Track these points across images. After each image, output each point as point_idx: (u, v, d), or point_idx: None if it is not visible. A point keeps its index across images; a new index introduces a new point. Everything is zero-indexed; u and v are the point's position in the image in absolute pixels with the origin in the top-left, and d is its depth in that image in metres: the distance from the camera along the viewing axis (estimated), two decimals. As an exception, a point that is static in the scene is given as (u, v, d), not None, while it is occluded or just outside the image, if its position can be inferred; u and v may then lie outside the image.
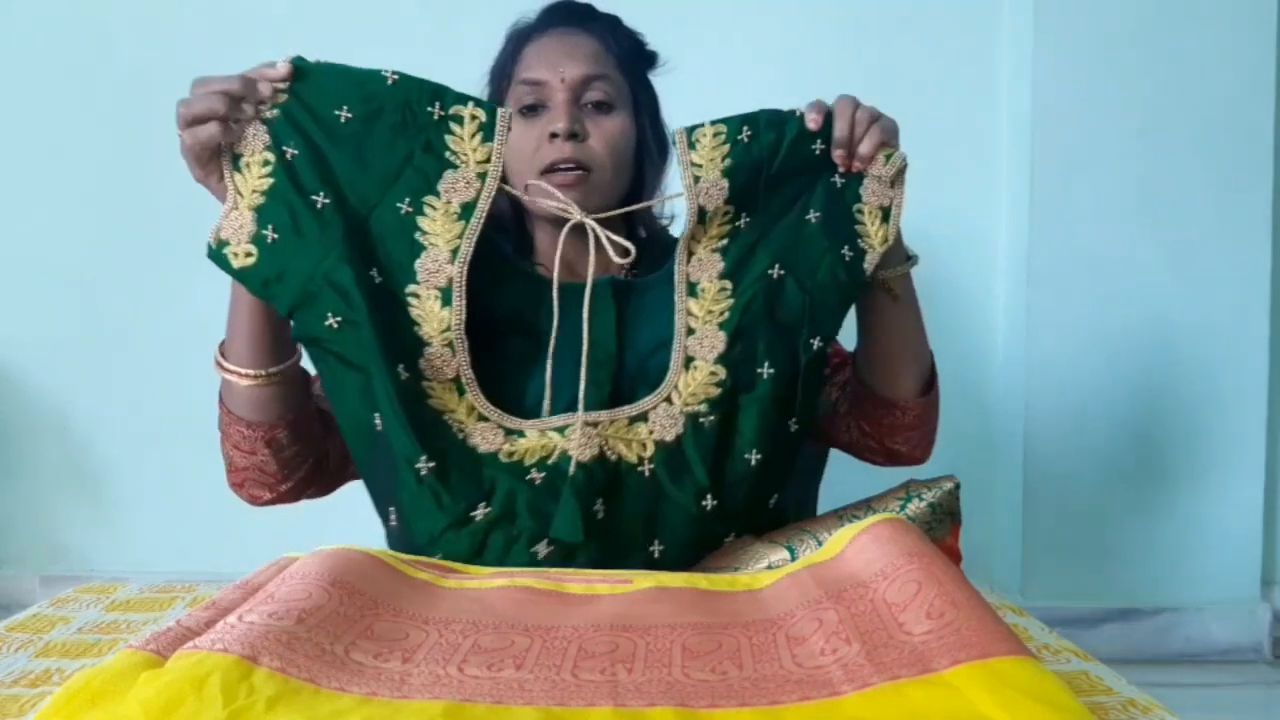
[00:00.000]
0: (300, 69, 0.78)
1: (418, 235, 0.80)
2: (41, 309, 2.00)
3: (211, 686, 0.46)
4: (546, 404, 0.82)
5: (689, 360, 0.83)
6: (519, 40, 0.99)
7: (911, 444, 0.97)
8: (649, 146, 1.01)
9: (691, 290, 0.84)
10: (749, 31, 1.87)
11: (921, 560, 0.59)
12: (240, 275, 0.78)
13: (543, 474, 0.78)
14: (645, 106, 1.01)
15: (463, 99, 0.81)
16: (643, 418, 0.82)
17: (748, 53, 1.84)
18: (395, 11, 1.93)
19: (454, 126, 0.80)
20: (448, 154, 0.80)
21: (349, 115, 0.78)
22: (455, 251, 0.80)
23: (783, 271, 0.84)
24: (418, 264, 0.80)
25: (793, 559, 0.78)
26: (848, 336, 0.97)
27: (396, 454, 0.76)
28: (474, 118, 0.81)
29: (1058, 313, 1.82)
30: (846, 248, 0.84)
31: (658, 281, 0.87)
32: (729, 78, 1.83)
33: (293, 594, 0.56)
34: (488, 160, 0.81)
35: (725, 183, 0.82)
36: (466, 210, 0.81)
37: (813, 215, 0.84)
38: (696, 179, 0.82)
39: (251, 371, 0.84)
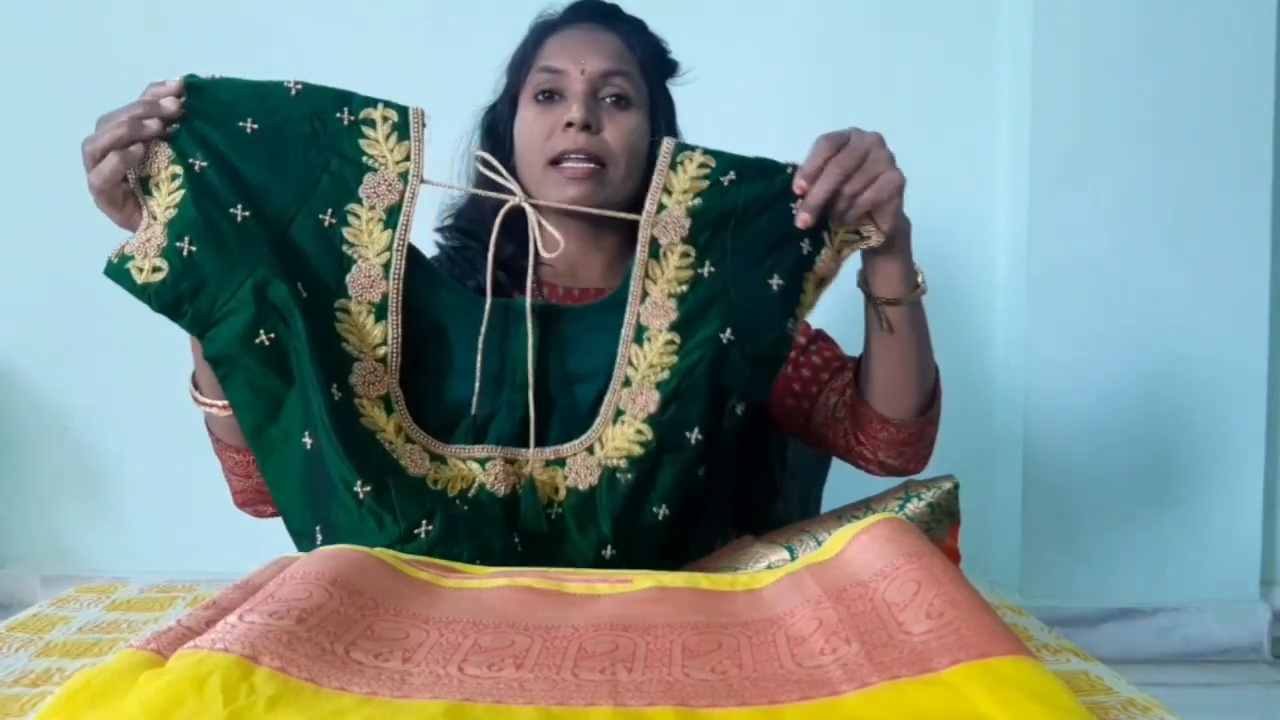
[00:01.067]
0: (195, 85, 0.75)
1: (345, 248, 0.78)
2: (43, 310, 2.00)
3: (212, 686, 0.46)
4: (467, 424, 0.81)
5: (618, 414, 0.81)
6: (543, 31, 0.99)
7: (905, 459, 0.95)
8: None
9: (638, 336, 0.81)
10: (749, 32, 1.87)
11: (921, 560, 0.59)
12: (142, 291, 0.74)
13: (465, 505, 0.78)
14: (662, 111, 1.01)
15: (371, 101, 0.79)
16: (560, 462, 0.81)
17: (748, 53, 1.85)
18: (397, 10, 1.93)
19: (366, 130, 0.78)
20: (365, 159, 0.78)
21: (254, 126, 0.76)
22: (387, 266, 0.79)
23: (732, 338, 0.81)
24: (349, 279, 0.78)
25: (792, 559, 0.78)
26: (849, 339, 0.97)
27: (332, 476, 0.74)
28: (385, 118, 0.78)
29: (1057, 313, 1.82)
30: (790, 321, 0.83)
31: (599, 310, 0.85)
32: (728, 78, 1.83)
33: (293, 594, 0.56)
34: (407, 159, 0.79)
35: (687, 223, 0.80)
36: (392, 215, 0.79)
37: (775, 282, 0.81)
38: (661, 207, 0.80)
39: (219, 402, 0.82)
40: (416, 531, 0.74)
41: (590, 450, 0.81)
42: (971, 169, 1.88)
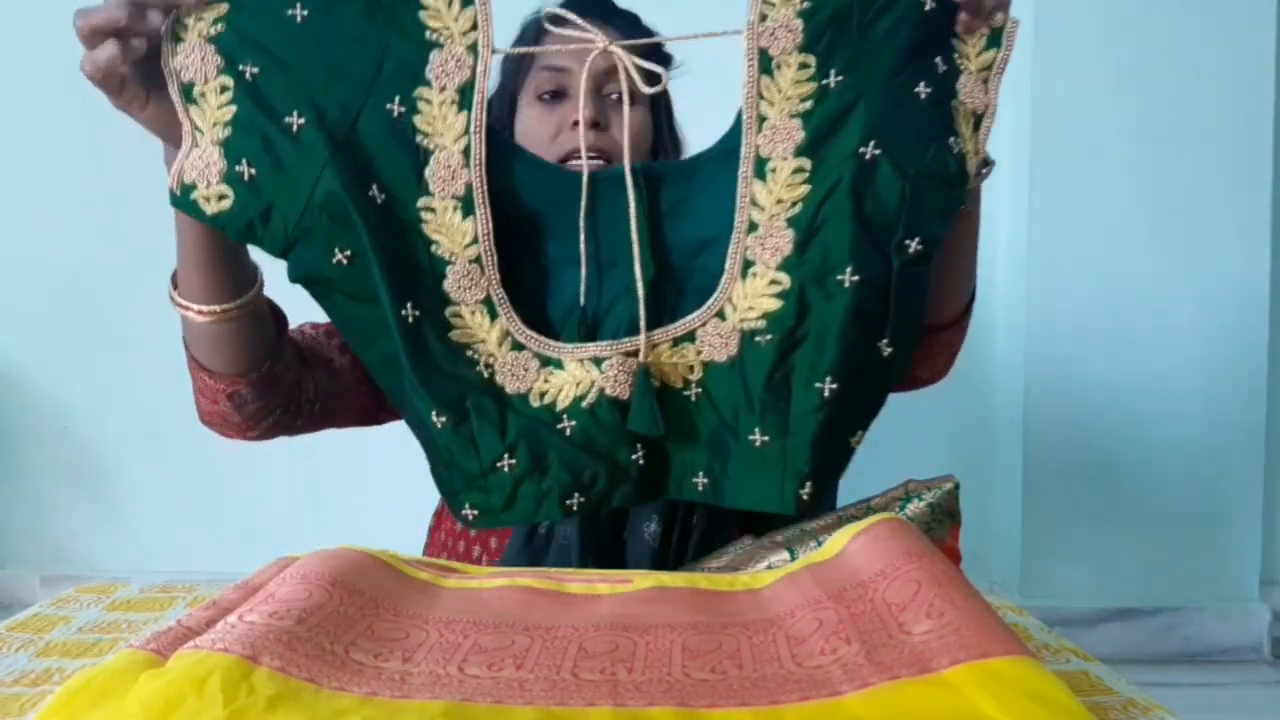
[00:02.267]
0: None
1: (419, 139, 0.69)
2: (43, 311, 2.00)
3: (212, 686, 0.46)
4: (576, 318, 0.72)
5: (747, 265, 0.69)
6: (538, 29, 0.99)
7: (935, 370, 0.90)
8: (664, 144, 1.01)
9: (759, 170, 0.68)
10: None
11: (921, 560, 0.59)
12: (218, 222, 0.67)
13: (574, 422, 0.70)
14: (662, 104, 1.01)
15: None
16: (689, 337, 0.70)
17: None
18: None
19: (425, 1, 0.68)
20: (428, 33, 0.68)
21: (304, 13, 0.66)
22: (467, 152, 0.69)
23: (878, 151, 0.66)
24: (428, 172, 0.68)
25: (792, 559, 0.78)
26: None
27: (417, 406, 0.69)
28: None
29: (1057, 312, 1.82)
30: (953, 139, 0.68)
31: (708, 161, 0.73)
32: (727, 79, 1.82)
33: (293, 594, 0.56)
34: (474, 28, 0.68)
35: (800, 23, 0.66)
36: (465, 95, 0.68)
37: (922, 89, 0.67)
38: (764, 17, 0.67)
39: (207, 307, 0.76)
40: (498, 465, 0.69)
41: (721, 315, 0.70)
42: (971, 169, 1.88)
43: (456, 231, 0.69)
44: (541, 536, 0.91)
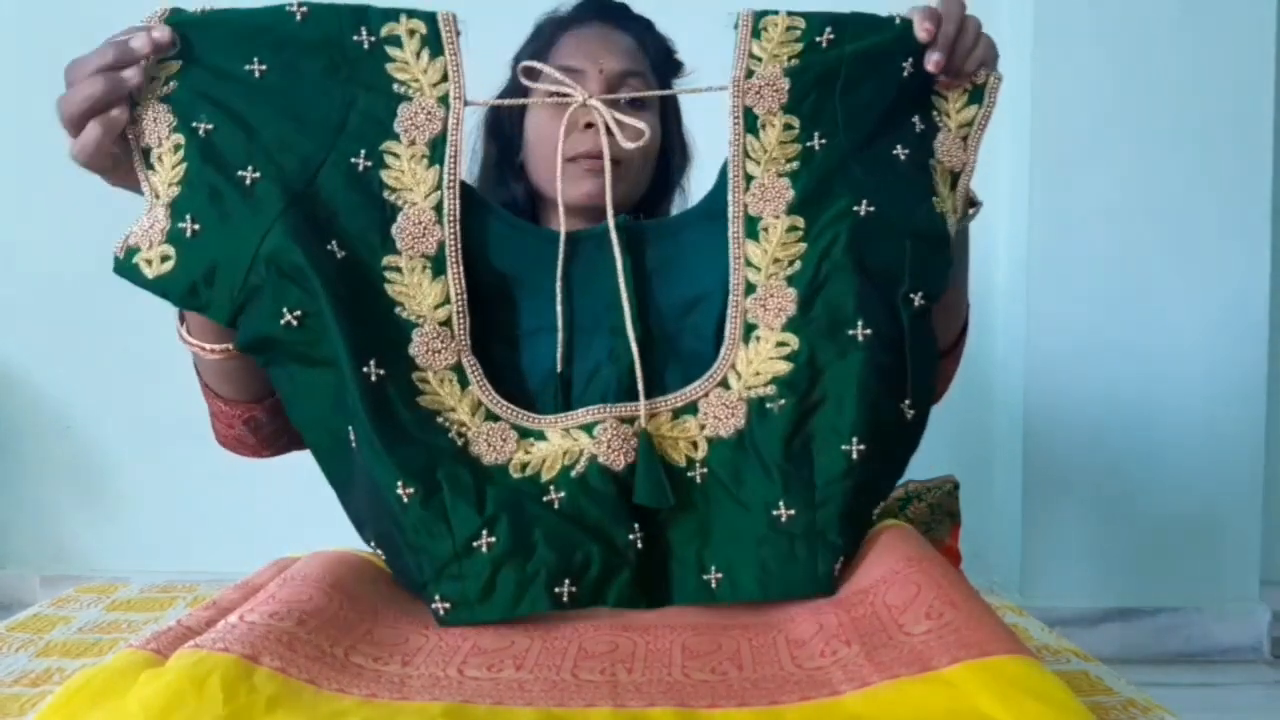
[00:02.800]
0: (182, 24, 0.63)
1: (386, 194, 0.65)
2: (43, 310, 2.00)
3: (212, 686, 0.46)
4: (554, 385, 0.66)
5: (749, 329, 0.66)
6: (554, 29, 0.98)
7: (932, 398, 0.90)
8: (673, 151, 1.00)
9: (750, 229, 0.66)
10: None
11: (921, 564, 0.59)
12: (158, 286, 0.62)
13: (562, 493, 0.62)
14: (672, 111, 1.01)
15: (391, 14, 0.65)
16: (691, 409, 0.65)
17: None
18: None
19: (392, 51, 0.65)
20: (396, 85, 0.65)
21: (263, 68, 0.63)
22: (439, 209, 0.65)
23: (871, 209, 0.65)
24: (395, 229, 0.64)
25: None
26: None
27: (374, 477, 0.61)
28: (412, 32, 0.65)
29: (1057, 313, 1.82)
30: (935, 199, 0.67)
31: (694, 220, 0.71)
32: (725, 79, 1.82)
33: (294, 595, 0.56)
34: (445, 79, 0.65)
35: (785, 83, 0.66)
36: (436, 148, 0.65)
37: (900, 151, 0.67)
38: (750, 73, 0.66)
39: (219, 346, 0.71)
40: (475, 545, 0.60)
41: (725, 384, 0.65)
42: (972, 169, 1.88)
43: (425, 292, 0.64)
44: None
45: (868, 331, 0.64)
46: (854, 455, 0.62)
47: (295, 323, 0.62)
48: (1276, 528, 1.91)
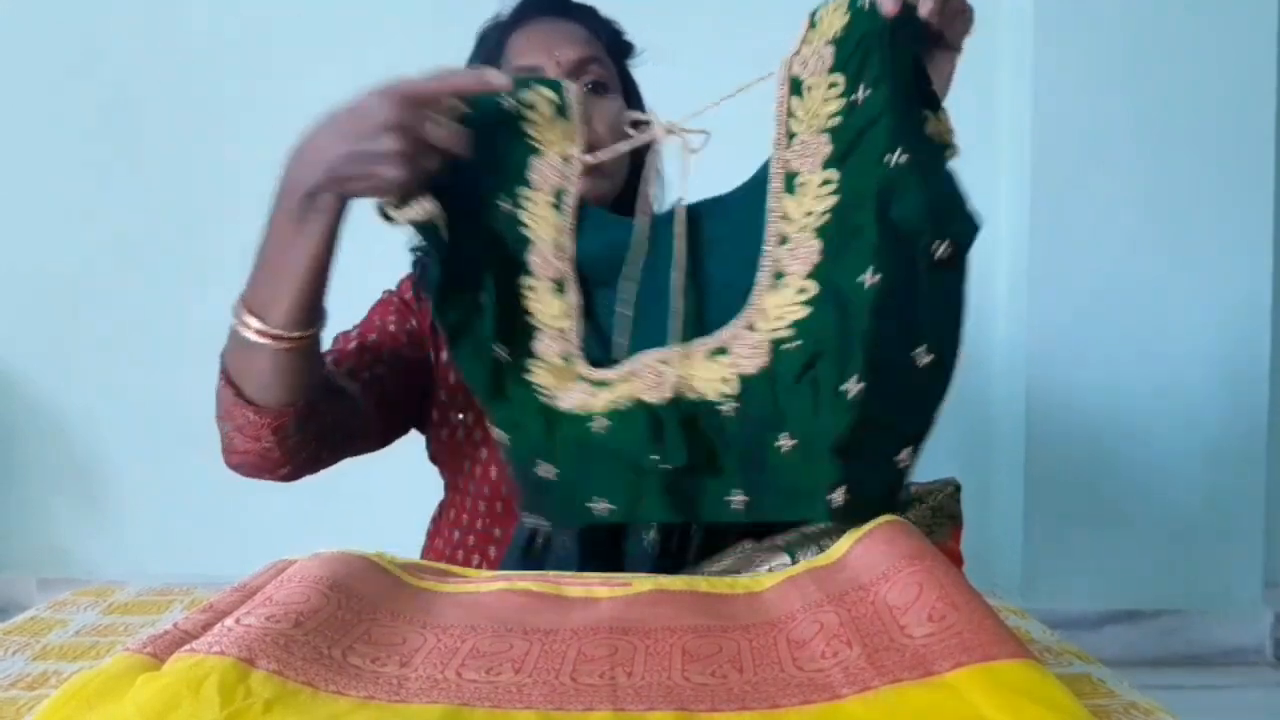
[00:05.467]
0: (475, 104, 0.75)
1: (523, 230, 0.78)
2: (40, 312, 2.00)
3: (208, 689, 0.46)
4: (620, 343, 0.76)
5: (778, 276, 0.71)
6: (500, 32, 0.98)
7: None
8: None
9: (789, 185, 0.71)
10: (745, 30, 1.86)
11: (923, 563, 0.59)
12: (425, 228, 0.73)
13: (608, 423, 0.73)
14: (633, 93, 1.01)
15: (525, 83, 0.77)
16: (722, 350, 0.72)
17: (744, 52, 1.84)
18: (395, 10, 1.93)
19: (528, 113, 0.77)
20: (531, 141, 0.77)
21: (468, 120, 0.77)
22: (558, 245, 0.78)
23: (903, 158, 0.67)
24: (528, 258, 0.78)
25: (793, 563, 0.78)
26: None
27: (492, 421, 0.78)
28: (546, 99, 0.77)
29: (1058, 313, 1.82)
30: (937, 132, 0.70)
31: (744, 193, 0.76)
32: (724, 80, 1.82)
33: (290, 597, 0.56)
34: (568, 140, 0.78)
35: (831, 50, 0.70)
36: (560, 198, 0.78)
37: (925, 113, 0.69)
38: (797, 51, 0.72)
39: (292, 334, 0.75)
40: (539, 473, 0.75)
41: (752, 327, 0.72)
42: (971, 169, 1.87)
43: (549, 306, 0.77)
44: (539, 547, 0.90)
45: (876, 278, 0.66)
46: (851, 394, 0.67)
47: (477, 311, 0.76)
48: (1278, 530, 1.91)
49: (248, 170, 1.98)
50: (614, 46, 1.00)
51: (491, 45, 0.98)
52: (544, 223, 0.78)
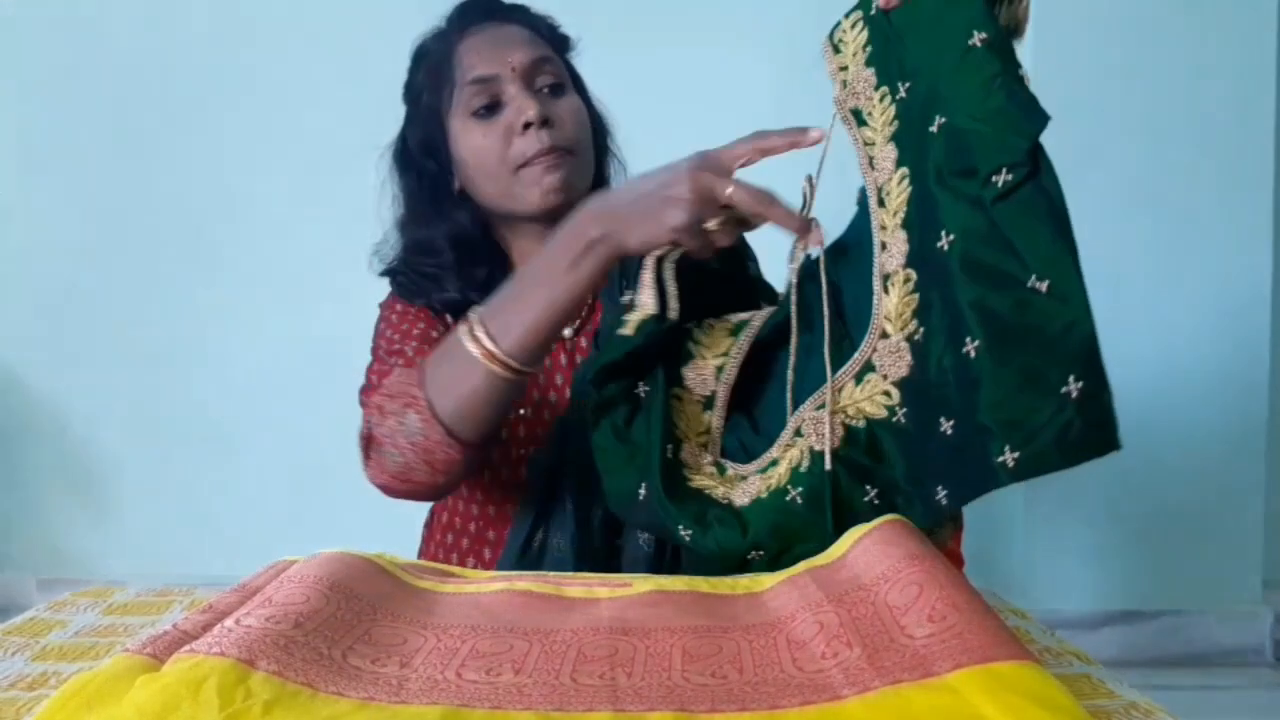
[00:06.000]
0: None
1: (690, 343, 0.81)
2: (40, 311, 2.00)
3: (208, 690, 0.45)
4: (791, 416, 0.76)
5: (886, 279, 0.72)
6: (442, 47, 0.96)
7: None
8: (598, 125, 1.00)
9: (881, 200, 0.73)
10: (742, 30, 1.86)
11: (923, 563, 0.59)
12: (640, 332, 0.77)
13: (800, 488, 0.74)
14: (581, 88, 1.00)
15: None
16: (869, 366, 0.72)
17: (742, 52, 1.84)
18: (393, 12, 1.93)
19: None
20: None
21: None
22: (720, 369, 0.80)
23: (942, 119, 0.68)
24: (685, 370, 0.80)
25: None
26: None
27: (661, 520, 0.76)
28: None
29: (1058, 314, 1.82)
30: (1021, 70, 0.68)
31: (853, 228, 0.77)
32: (720, 81, 1.83)
33: (290, 598, 0.56)
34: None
35: (870, 71, 0.73)
36: (739, 327, 0.81)
37: (977, 38, 0.66)
38: (844, 84, 0.74)
39: (513, 362, 0.77)
40: (750, 559, 0.74)
41: (885, 335, 0.73)
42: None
43: (696, 420, 0.80)
44: (535, 549, 0.90)
45: (951, 237, 0.66)
46: (972, 354, 0.65)
47: (641, 394, 0.79)
48: (1278, 529, 1.91)
49: (249, 171, 1.99)
50: (558, 42, 0.99)
51: (438, 57, 0.96)
52: (714, 343, 0.80)
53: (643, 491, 0.77)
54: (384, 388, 0.84)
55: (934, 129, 0.68)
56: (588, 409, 0.79)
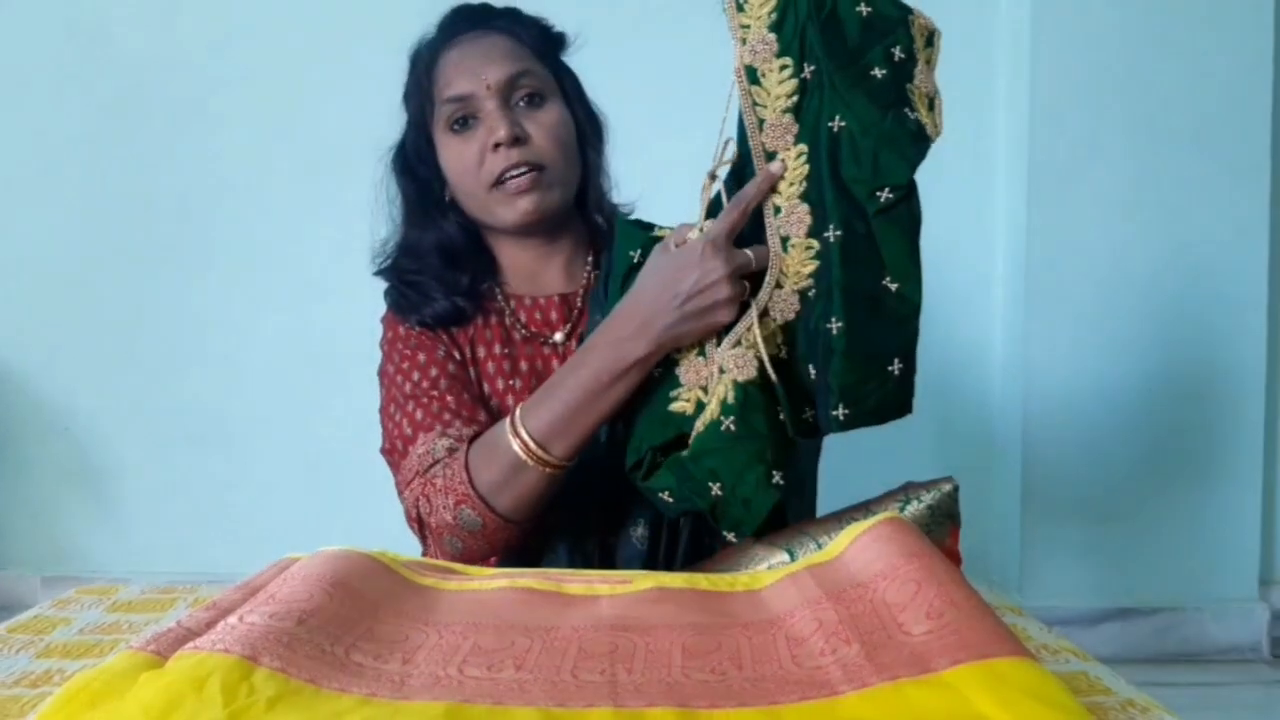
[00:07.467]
0: None
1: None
2: (43, 310, 2.00)
3: (212, 687, 0.46)
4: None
5: (784, 240, 0.81)
6: (428, 57, 0.97)
7: None
8: (585, 130, 1.00)
9: (770, 160, 0.81)
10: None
11: (921, 560, 0.59)
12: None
13: (730, 417, 0.80)
14: (571, 91, 1.00)
15: None
16: (765, 312, 0.81)
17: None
18: (392, 12, 1.93)
19: None
20: None
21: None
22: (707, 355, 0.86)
23: (843, 123, 0.78)
24: (679, 371, 0.84)
25: (792, 561, 0.78)
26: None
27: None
28: None
29: (1056, 313, 1.82)
30: (908, 109, 0.79)
31: (731, 179, 0.85)
32: (720, 81, 1.82)
33: (294, 595, 0.56)
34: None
35: (772, 37, 0.79)
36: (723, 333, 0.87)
37: (878, 71, 0.78)
38: (744, 40, 0.80)
39: (568, 463, 0.83)
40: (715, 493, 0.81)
41: (779, 285, 0.82)
42: (970, 168, 1.88)
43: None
44: (535, 548, 0.91)
45: (838, 233, 0.78)
46: (834, 331, 0.78)
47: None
48: (1275, 527, 1.91)
49: (249, 171, 1.99)
50: (545, 46, 0.98)
51: (423, 69, 0.97)
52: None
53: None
54: (430, 478, 0.87)
55: (833, 126, 0.78)
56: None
